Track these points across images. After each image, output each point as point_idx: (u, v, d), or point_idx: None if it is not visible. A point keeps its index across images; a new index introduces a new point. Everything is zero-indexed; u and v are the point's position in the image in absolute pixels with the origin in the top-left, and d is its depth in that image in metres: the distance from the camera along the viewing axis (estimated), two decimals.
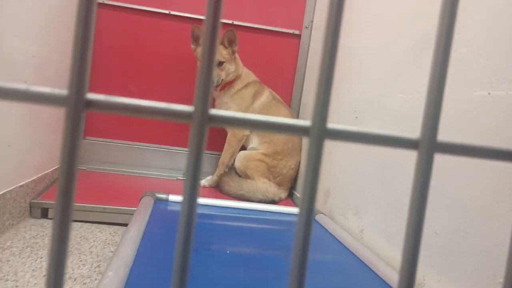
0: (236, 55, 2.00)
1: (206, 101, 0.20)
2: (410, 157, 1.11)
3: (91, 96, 0.19)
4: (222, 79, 1.95)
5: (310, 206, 0.22)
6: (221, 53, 1.91)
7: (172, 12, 2.13)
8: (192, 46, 2.01)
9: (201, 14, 2.15)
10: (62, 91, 0.19)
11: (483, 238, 0.82)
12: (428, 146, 0.22)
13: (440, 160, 0.95)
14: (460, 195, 0.90)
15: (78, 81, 0.19)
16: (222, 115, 0.21)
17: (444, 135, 0.96)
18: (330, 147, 1.65)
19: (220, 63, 1.92)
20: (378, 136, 0.22)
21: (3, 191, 1.35)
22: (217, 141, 2.20)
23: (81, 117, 0.19)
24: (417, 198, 0.23)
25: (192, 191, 0.21)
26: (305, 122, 0.21)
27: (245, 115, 0.21)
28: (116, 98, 0.19)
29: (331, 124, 0.21)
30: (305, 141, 1.93)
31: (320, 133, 0.21)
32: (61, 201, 0.21)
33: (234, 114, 0.21)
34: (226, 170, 2.04)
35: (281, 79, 2.30)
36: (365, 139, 0.22)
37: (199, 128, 0.20)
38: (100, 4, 2.08)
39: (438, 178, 0.96)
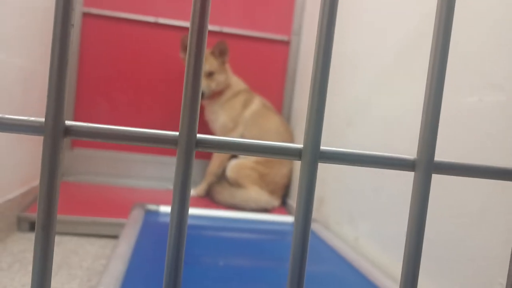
0: (227, 65, 2.00)
1: (192, 126, 0.19)
2: None
3: (70, 123, 0.18)
4: (212, 90, 1.94)
5: (305, 230, 0.21)
6: (211, 63, 1.90)
7: (160, 21, 2.12)
8: (182, 56, 1.99)
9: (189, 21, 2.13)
10: (39, 119, 0.18)
11: (477, 245, 0.82)
12: (425, 167, 0.21)
13: None
14: (454, 202, 0.89)
15: (56, 109, 0.17)
16: (209, 139, 0.20)
17: None
18: None
19: (211, 74, 1.91)
20: (373, 158, 0.21)
21: None
22: None
23: (59, 145, 0.18)
24: (415, 219, 0.23)
25: (180, 213, 0.20)
26: (296, 145, 0.20)
27: (233, 140, 0.20)
28: (96, 125, 0.18)
29: (324, 147, 0.20)
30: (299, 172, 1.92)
31: (313, 156, 0.20)
32: (41, 233, 0.20)
33: (222, 139, 0.20)
34: (214, 179, 2.03)
35: (271, 86, 2.30)
36: (360, 161, 0.21)
37: (185, 154, 0.19)
38: (85, 14, 2.06)
39: (432, 185, 0.95)
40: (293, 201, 2.03)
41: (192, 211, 1.46)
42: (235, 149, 0.20)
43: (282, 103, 2.31)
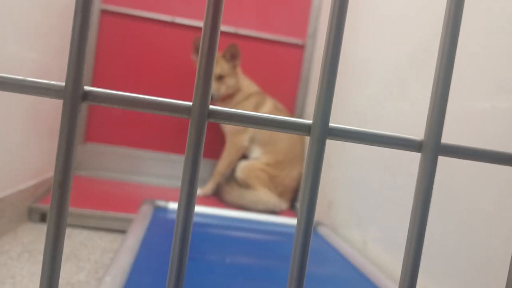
0: (238, 68, 2.00)
1: (205, 96, 0.19)
2: (415, 165, 1.10)
3: (88, 88, 0.19)
4: (222, 93, 1.94)
5: (310, 210, 0.21)
6: (222, 67, 1.90)
7: (176, 20, 2.14)
8: (193, 58, 2.00)
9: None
10: (60, 83, 0.19)
11: (486, 247, 0.81)
12: (432, 148, 0.21)
13: (443, 165, 0.95)
14: (463, 202, 0.89)
15: (76, 73, 0.18)
16: (221, 111, 0.20)
17: None
18: (333, 156, 1.65)
19: (221, 77, 1.91)
20: (381, 137, 0.21)
21: (2, 196, 1.34)
22: (215, 148, 2.19)
23: (78, 109, 0.19)
24: (420, 200, 0.23)
25: (190, 188, 0.21)
26: (306, 120, 0.21)
27: (244, 112, 0.20)
28: (113, 91, 0.19)
29: (333, 124, 0.21)
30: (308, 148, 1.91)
31: (322, 132, 0.20)
32: (57, 190, 0.21)
33: (234, 111, 0.20)
34: (221, 180, 2.03)
35: (284, 89, 2.30)
36: (367, 139, 0.21)
37: (198, 123, 0.20)
38: (103, 11, 2.09)
39: (441, 183, 0.95)
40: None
41: (201, 209, 1.47)
42: (246, 122, 0.20)
43: (295, 107, 2.31)
